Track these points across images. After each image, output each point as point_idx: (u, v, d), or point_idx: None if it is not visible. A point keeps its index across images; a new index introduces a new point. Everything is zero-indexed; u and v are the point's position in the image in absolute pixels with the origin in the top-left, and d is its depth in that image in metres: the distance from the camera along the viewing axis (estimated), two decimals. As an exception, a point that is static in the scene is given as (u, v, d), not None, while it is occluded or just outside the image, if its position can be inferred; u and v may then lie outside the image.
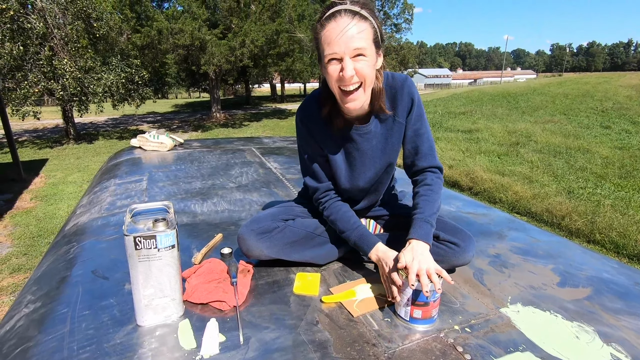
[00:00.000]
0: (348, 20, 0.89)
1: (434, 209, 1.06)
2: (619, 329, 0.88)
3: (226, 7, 12.14)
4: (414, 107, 1.07)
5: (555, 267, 1.17)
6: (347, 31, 0.89)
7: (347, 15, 0.89)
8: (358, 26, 0.89)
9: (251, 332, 0.84)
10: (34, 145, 10.45)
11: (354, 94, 0.96)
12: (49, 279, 1.08)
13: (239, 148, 2.82)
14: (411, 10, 31.06)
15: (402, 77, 1.08)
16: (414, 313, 0.87)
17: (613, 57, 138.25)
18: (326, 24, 0.91)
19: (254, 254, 1.09)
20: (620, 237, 3.61)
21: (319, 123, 1.10)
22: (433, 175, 1.12)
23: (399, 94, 1.06)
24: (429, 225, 1.02)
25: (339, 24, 0.89)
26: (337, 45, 0.90)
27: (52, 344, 0.80)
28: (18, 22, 8.60)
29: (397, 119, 1.08)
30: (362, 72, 0.92)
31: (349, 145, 1.11)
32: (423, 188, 1.11)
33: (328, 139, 1.11)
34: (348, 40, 0.89)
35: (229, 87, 30.83)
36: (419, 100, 1.08)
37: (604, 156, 6.67)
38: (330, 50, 0.91)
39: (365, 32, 0.90)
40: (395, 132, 1.10)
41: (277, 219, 1.14)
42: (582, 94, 13.71)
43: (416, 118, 1.09)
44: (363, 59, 0.92)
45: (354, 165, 1.14)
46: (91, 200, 1.75)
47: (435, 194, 1.09)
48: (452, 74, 79.63)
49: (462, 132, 9.49)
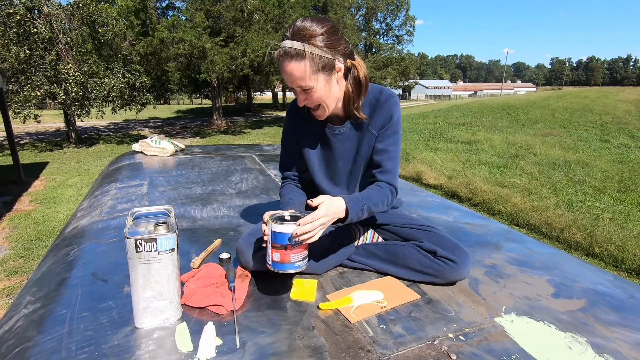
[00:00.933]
0: (286, 63, 0.98)
1: (373, 202, 1.09)
2: (612, 340, 0.89)
3: (230, 17, 12.30)
4: (389, 124, 1.13)
5: (550, 279, 1.18)
6: (287, 73, 0.99)
7: (285, 59, 0.98)
8: (295, 67, 0.97)
9: (247, 336, 0.85)
10: (34, 148, 10.49)
11: (316, 112, 1.09)
12: (48, 281, 1.09)
13: (240, 155, 2.85)
14: (413, 22, 31.40)
15: (390, 94, 1.13)
16: (273, 256, 0.92)
17: (612, 72, 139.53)
18: (277, 61, 1.01)
19: (253, 267, 1.09)
20: (619, 251, 3.62)
21: (302, 119, 1.20)
22: (387, 187, 1.15)
23: (380, 107, 1.12)
24: (359, 208, 1.05)
25: (282, 66, 0.99)
26: (286, 81, 1.02)
27: (50, 344, 0.80)
28: (24, 26, 8.71)
29: (370, 129, 1.14)
30: (312, 99, 1.04)
31: (325, 143, 1.20)
32: (375, 186, 1.15)
33: (307, 134, 1.21)
34: (291, 80, 1.00)
35: (231, 94, 31.04)
36: (397, 119, 1.13)
37: (603, 170, 6.70)
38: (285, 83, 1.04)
39: (303, 70, 0.98)
40: (366, 141, 1.16)
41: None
42: (581, 107, 13.82)
43: (388, 135, 1.14)
44: (310, 91, 1.02)
45: (329, 162, 1.22)
46: (92, 204, 1.77)
47: (381, 196, 1.12)
48: (452, 85, 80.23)
49: (462, 143, 9.54)
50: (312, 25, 0.96)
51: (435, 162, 7.40)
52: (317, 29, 0.96)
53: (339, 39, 1.01)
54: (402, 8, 31.78)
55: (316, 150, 1.22)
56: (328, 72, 1.01)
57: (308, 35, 0.96)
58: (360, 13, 31.35)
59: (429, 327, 0.91)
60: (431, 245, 1.12)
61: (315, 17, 0.99)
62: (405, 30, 33.15)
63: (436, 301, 1.03)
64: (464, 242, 1.42)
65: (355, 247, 1.23)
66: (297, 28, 0.96)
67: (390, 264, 1.15)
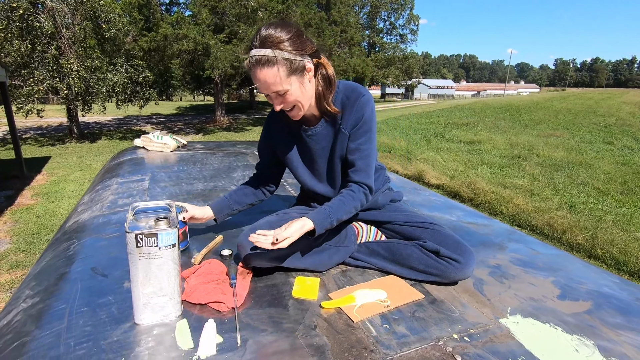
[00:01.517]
0: (258, 71, 0.98)
1: (343, 211, 1.10)
2: (619, 344, 0.88)
3: (234, 14, 12.27)
4: (360, 123, 1.12)
5: (555, 280, 1.17)
6: (261, 81, 0.99)
7: (256, 67, 0.98)
8: (269, 73, 0.98)
9: (249, 334, 0.84)
10: (37, 143, 10.50)
11: (292, 112, 1.09)
12: (47, 275, 1.08)
13: (242, 151, 2.83)
14: (417, 21, 31.27)
15: (361, 92, 1.12)
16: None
17: (616, 74, 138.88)
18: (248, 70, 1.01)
19: (253, 263, 1.08)
20: (621, 253, 3.59)
21: (279, 122, 1.23)
22: (360, 190, 1.15)
23: (350, 106, 1.12)
24: (328, 222, 1.07)
25: (254, 75, 1.00)
26: (260, 89, 1.02)
27: (48, 339, 0.79)
28: (27, 20, 8.71)
29: (342, 128, 1.14)
30: (288, 102, 1.05)
31: (302, 144, 1.22)
32: (346, 192, 1.15)
33: (284, 136, 1.24)
34: (264, 87, 1.01)
35: (234, 91, 31.01)
36: (369, 117, 1.12)
37: (606, 172, 6.67)
38: (259, 90, 1.04)
39: (275, 76, 0.98)
40: (339, 140, 1.16)
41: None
42: (585, 109, 13.76)
43: (361, 134, 1.13)
44: (285, 94, 1.03)
45: (309, 162, 1.24)
46: (93, 198, 1.76)
47: (353, 201, 1.13)
48: (455, 85, 79.96)
49: (464, 143, 9.51)
50: (278, 31, 0.97)
51: (438, 162, 7.38)
52: (283, 34, 0.97)
53: (305, 41, 1.02)
54: (406, 7, 31.67)
55: (295, 151, 1.24)
56: (300, 74, 1.02)
57: (276, 41, 0.96)
58: (364, 11, 31.26)
59: (433, 328, 0.89)
60: (434, 244, 1.11)
61: (279, 23, 1.00)
62: (409, 29, 33.05)
63: (440, 301, 1.01)
64: (467, 241, 1.39)
65: (357, 245, 1.22)
66: (264, 36, 0.97)
67: (393, 263, 1.14)
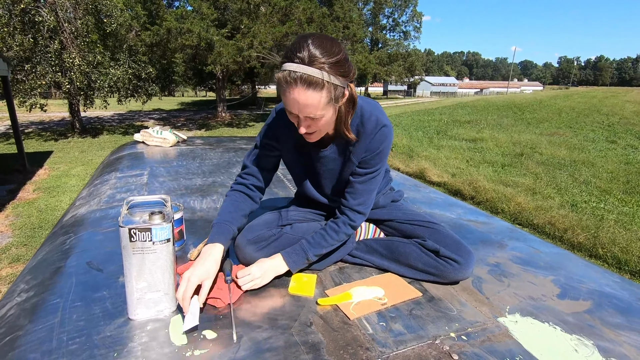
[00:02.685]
0: (303, 91, 0.86)
1: (321, 246, 1.06)
2: (619, 344, 0.86)
3: (236, 8, 12.21)
4: (373, 155, 1.05)
5: (555, 279, 1.15)
6: (299, 102, 0.88)
7: (302, 86, 0.86)
8: (311, 96, 0.87)
9: (243, 330, 0.83)
10: (39, 137, 10.51)
11: (311, 136, 0.99)
12: (43, 269, 1.08)
13: (242, 147, 2.82)
14: (420, 18, 31.08)
15: (377, 123, 1.02)
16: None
17: (621, 72, 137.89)
18: (283, 84, 0.88)
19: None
20: (623, 253, 3.57)
21: (286, 129, 1.09)
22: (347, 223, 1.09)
23: (366, 136, 1.03)
24: (304, 260, 1.05)
25: (293, 94, 0.87)
26: (291, 108, 0.91)
27: (41, 333, 0.79)
28: (29, 14, 8.69)
29: (352, 157, 1.07)
30: (317, 127, 0.95)
31: (308, 161, 1.14)
32: (331, 225, 1.09)
33: (291, 145, 1.13)
34: (301, 108, 0.89)
35: (236, 87, 30.94)
36: (384, 150, 1.05)
37: (609, 171, 6.63)
38: (286, 107, 0.93)
39: (317, 101, 0.88)
40: (347, 168, 1.10)
41: (272, 227, 1.14)
42: (588, 107, 13.67)
43: (370, 164, 1.07)
44: (316, 121, 0.93)
45: (313, 177, 1.17)
46: (91, 193, 1.75)
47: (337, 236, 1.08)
48: (458, 82, 79.61)
49: (466, 141, 9.47)
50: (329, 51, 0.86)
51: (439, 160, 7.35)
52: (334, 56, 0.87)
53: (350, 65, 0.92)
54: (409, 3, 31.47)
55: (300, 165, 1.17)
56: (337, 101, 0.92)
57: (327, 63, 0.86)
58: (368, 8, 31.07)
59: (430, 326, 0.88)
60: (434, 244, 1.09)
61: (328, 39, 0.88)
62: (412, 26, 32.84)
63: (438, 299, 1.00)
64: (467, 239, 1.39)
65: (356, 243, 1.21)
66: (314, 54, 0.85)
67: (392, 261, 1.13)
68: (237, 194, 1.16)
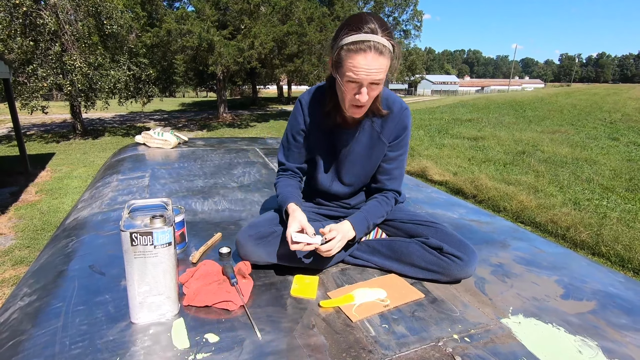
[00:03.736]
0: (375, 57, 0.94)
1: (378, 215, 1.17)
2: (623, 345, 0.86)
3: (237, 9, 12.21)
4: (403, 136, 1.17)
5: (559, 279, 1.15)
6: (372, 67, 0.95)
7: (375, 52, 0.94)
8: (382, 62, 0.95)
9: (245, 334, 0.83)
10: (41, 140, 10.55)
11: (361, 109, 1.05)
12: (46, 273, 1.08)
13: (243, 148, 2.82)
14: (420, 16, 31.08)
15: (403, 105, 1.15)
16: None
17: (622, 69, 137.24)
18: (353, 53, 0.94)
19: (252, 259, 1.08)
20: (626, 251, 3.56)
21: (316, 113, 1.16)
22: (393, 197, 1.22)
23: (393, 117, 1.14)
24: (365, 225, 1.13)
25: (367, 60, 0.94)
26: (359, 75, 0.96)
27: (44, 338, 0.79)
28: (30, 17, 8.71)
29: (382, 138, 1.16)
30: (372, 95, 1.01)
31: (334, 144, 1.19)
32: (381, 197, 1.20)
33: (318, 131, 1.18)
34: (370, 73, 0.96)
35: (236, 87, 30.97)
36: (409, 130, 1.18)
37: (611, 168, 6.60)
38: (353, 77, 0.97)
39: (385, 66, 0.97)
40: (377, 149, 1.17)
41: (274, 224, 1.15)
42: (590, 105, 13.61)
43: (402, 145, 1.18)
44: (377, 86, 1.00)
45: (335, 162, 1.21)
46: (93, 195, 1.75)
47: (387, 207, 1.20)
48: (459, 81, 79.40)
49: (468, 139, 9.44)
50: (386, 25, 0.96)
51: (441, 158, 7.33)
52: (389, 29, 0.97)
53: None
54: (410, 2, 31.39)
55: (324, 149, 1.20)
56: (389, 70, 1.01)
57: (388, 34, 0.96)
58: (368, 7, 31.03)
59: (433, 328, 0.88)
60: (437, 241, 1.09)
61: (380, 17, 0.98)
62: (413, 25, 32.76)
63: (441, 300, 1.00)
64: (470, 239, 1.38)
65: (357, 243, 1.21)
66: (379, 26, 0.94)
67: (394, 261, 1.12)
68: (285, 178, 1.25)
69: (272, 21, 12.42)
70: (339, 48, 0.97)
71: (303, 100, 1.19)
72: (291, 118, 1.21)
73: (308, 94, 1.18)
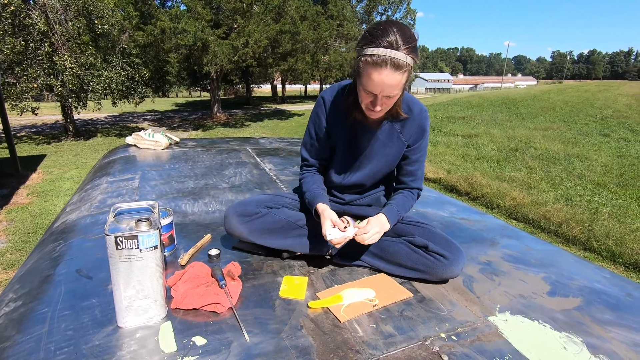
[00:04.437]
0: (390, 72, 0.94)
1: (406, 208, 1.21)
2: (608, 340, 0.87)
3: (230, 8, 12.15)
4: (423, 138, 1.19)
5: (546, 276, 1.16)
6: (386, 83, 0.95)
7: (391, 68, 0.93)
8: (396, 78, 0.95)
9: (233, 336, 0.83)
10: (32, 141, 10.42)
11: (376, 113, 1.05)
12: (32, 277, 1.07)
13: (235, 148, 2.81)
14: (414, 15, 31.14)
15: (422, 107, 1.17)
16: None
17: (613, 66, 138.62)
18: (370, 66, 0.94)
19: (234, 234, 1.17)
20: (617, 246, 3.60)
21: (338, 110, 1.17)
22: (417, 193, 1.27)
23: (413, 119, 1.16)
24: (397, 217, 1.17)
25: (381, 75, 0.94)
26: (374, 88, 0.97)
27: (29, 344, 0.78)
28: (19, 17, 8.60)
29: (402, 137, 1.17)
30: (386, 105, 1.03)
31: (354, 141, 1.19)
32: (406, 194, 1.25)
33: (339, 126, 1.19)
34: (385, 88, 0.97)
35: (230, 87, 30.82)
36: (428, 131, 1.20)
37: (602, 164, 6.67)
38: (367, 87, 0.98)
39: (400, 82, 0.97)
40: (395, 148, 1.18)
41: (261, 205, 1.20)
42: (582, 101, 13.73)
43: (423, 147, 1.21)
44: (391, 98, 1.01)
45: (353, 158, 1.21)
46: (82, 198, 1.74)
47: (412, 201, 1.24)
48: (453, 78, 79.70)
49: (461, 136, 9.49)
50: (408, 37, 0.94)
51: (435, 156, 7.36)
52: (412, 42, 0.95)
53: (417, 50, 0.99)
54: (403, 0, 31.44)
55: (343, 145, 1.21)
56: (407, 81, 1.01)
57: (408, 48, 0.94)
58: (362, 5, 31.03)
59: (420, 327, 0.88)
60: (422, 240, 1.10)
61: (405, 27, 0.96)
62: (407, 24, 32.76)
63: (429, 299, 1.00)
64: (459, 237, 1.40)
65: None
66: (400, 39, 0.93)
67: (382, 260, 1.13)
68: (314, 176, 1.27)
69: (265, 20, 12.37)
70: (358, 57, 0.98)
71: (325, 96, 1.19)
72: (313, 115, 1.22)
73: (331, 90, 1.19)
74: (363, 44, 0.96)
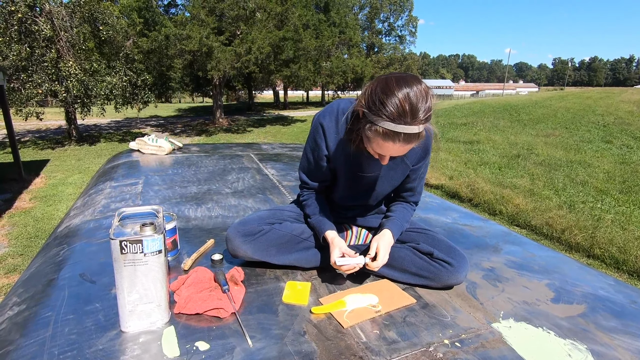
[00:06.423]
0: (402, 145, 0.91)
1: (407, 220, 1.21)
2: (613, 348, 0.86)
3: (233, 15, 12.28)
4: (425, 158, 1.17)
5: (550, 283, 1.15)
6: (399, 151, 0.94)
7: (404, 141, 0.89)
8: (410, 146, 0.93)
9: (236, 341, 0.82)
10: (35, 146, 10.49)
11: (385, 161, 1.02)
12: (36, 281, 1.07)
13: (237, 154, 2.82)
14: (415, 22, 31.30)
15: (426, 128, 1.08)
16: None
17: (615, 73, 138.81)
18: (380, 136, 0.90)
19: (239, 254, 1.13)
20: (621, 253, 3.58)
21: (337, 136, 1.12)
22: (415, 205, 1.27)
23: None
24: (400, 231, 1.17)
25: (395, 146, 0.91)
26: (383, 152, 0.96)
27: (32, 348, 0.78)
28: (26, 24, 8.71)
29: (406, 160, 1.15)
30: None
31: (355, 166, 1.15)
32: (405, 206, 1.25)
33: (340, 154, 1.14)
34: (396, 154, 0.96)
35: (233, 92, 30.99)
36: (431, 150, 1.18)
37: (605, 171, 6.65)
38: (376, 150, 0.96)
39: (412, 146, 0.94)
40: (400, 170, 1.17)
41: (263, 222, 1.17)
42: (583, 108, 13.73)
43: (425, 165, 1.20)
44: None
45: (354, 181, 1.18)
46: (85, 203, 1.75)
47: (411, 214, 1.25)
48: (454, 85, 79.92)
49: (463, 143, 9.50)
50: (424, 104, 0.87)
51: (437, 162, 7.36)
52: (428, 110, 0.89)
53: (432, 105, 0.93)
54: (405, 8, 31.70)
55: (346, 172, 1.17)
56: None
57: (424, 118, 0.89)
58: (364, 12, 31.29)
59: (424, 333, 0.88)
60: (427, 247, 1.10)
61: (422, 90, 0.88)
62: (408, 31, 33.06)
63: (432, 306, 1.00)
64: (462, 244, 1.40)
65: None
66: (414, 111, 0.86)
67: (386, 266, 1.13)
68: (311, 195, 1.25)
69: (268, 27, 12.49)
70: (366, 123, 0.91)
71: (324, 123, 1.11)
72: (311, 141, 1.16)
73: (330, 116, 1.11)
74: (373, 112, 0.89)
